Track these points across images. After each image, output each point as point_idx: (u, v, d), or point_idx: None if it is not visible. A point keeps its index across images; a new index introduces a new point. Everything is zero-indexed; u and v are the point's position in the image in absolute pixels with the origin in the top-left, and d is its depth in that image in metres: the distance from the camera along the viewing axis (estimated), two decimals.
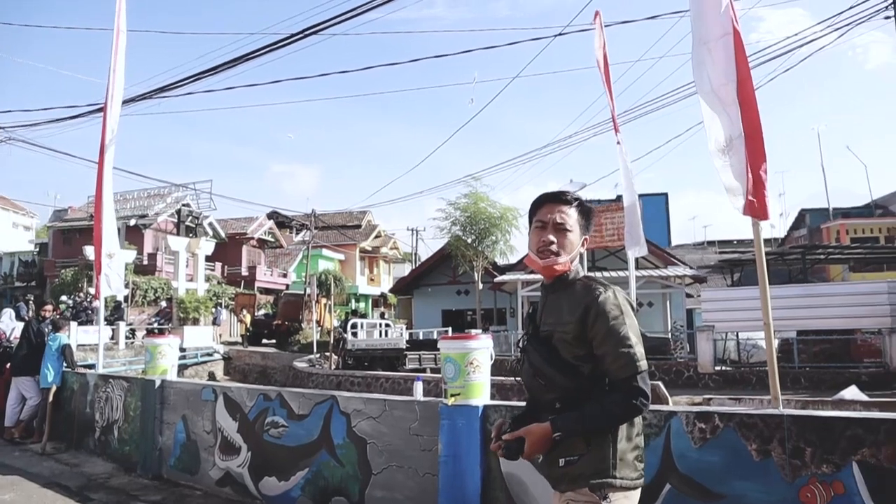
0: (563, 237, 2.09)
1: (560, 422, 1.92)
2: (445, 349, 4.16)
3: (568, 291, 2.07)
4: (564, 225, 2.10)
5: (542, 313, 2.15)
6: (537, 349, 2.05)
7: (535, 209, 2.18)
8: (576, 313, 1.98)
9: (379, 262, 53.75)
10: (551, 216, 2.11)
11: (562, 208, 2.12)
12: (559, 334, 2.01)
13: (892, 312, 13.90)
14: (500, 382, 13.04)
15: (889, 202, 33.30)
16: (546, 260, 2.07)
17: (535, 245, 2.12)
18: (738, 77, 3.85)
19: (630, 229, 9.22)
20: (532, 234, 2.15)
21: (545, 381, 2.00)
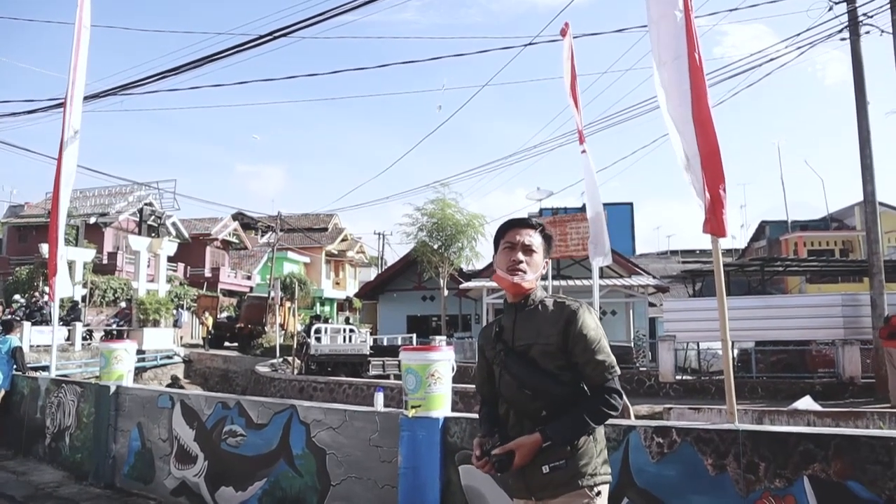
0: (530, 257, 2.27)
1: (549, 431, 2.07)
2: (407, 360, 4.14)
3: (540, 308, 2.24)
4: (531, 246, 2.29)
5: (513, 330, 2.27)
6: (519, 363, 2.19)
7: (502, 232, 2.36)
8: (557, 326, 2.15)
9: (345, 265, 53.43)
10: (519, 238, 2.29)
11: (528, 232, 2.32)
12: (541, 347, 2.16)
13: (846, 324, 14.29)
14: (463, 390, 13.07)
15: (844, 216, 34.23)
16: (515, 277, 2.23)
17: (504, 264, 2.28)
18: (692, 97, 3.90)
19: (595, 239, 9.31)
20: (500, 255, 2.32)
21: (532, 392, 2.13)
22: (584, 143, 8.71)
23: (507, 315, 2.34)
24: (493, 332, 2.37)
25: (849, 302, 14.53)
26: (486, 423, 2.37)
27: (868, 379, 13.56)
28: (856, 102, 13.56)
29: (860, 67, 13.49)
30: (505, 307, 2.40)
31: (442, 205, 23.45)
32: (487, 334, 2.42)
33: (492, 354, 2.33)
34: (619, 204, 36.15)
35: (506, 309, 2.38)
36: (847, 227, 33.56)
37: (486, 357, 2.39)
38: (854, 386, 13.67)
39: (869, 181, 13.56)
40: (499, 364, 2.26)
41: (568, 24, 10.09)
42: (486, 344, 2.39)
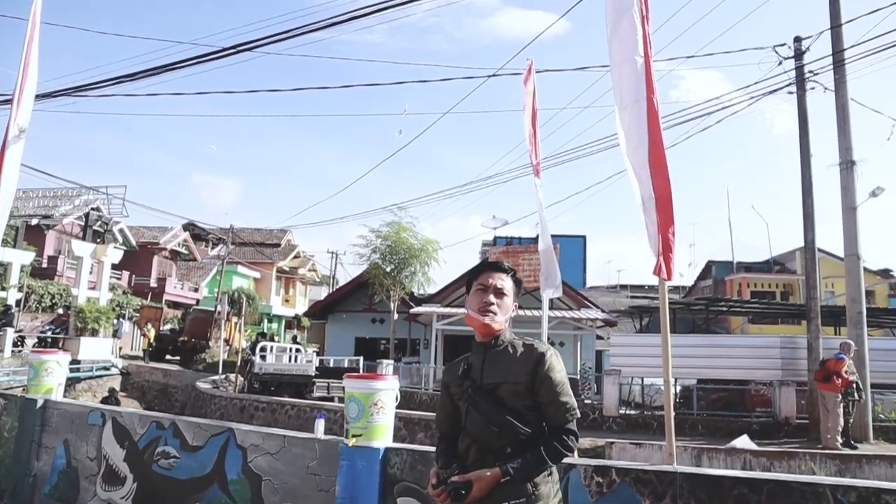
0: (501, 300, 2.39)
1: (509, 467, 2.15)
2: (350, 388, 4.07)
3: (510, 349, 2.35)
4: (503, 290, 2.41)
5: (482, 368, 2.35)
6: (488, 400, 2.27)
7: (475, 274, 2.48)
8: (527, 367, 2.26)
9: (296, 283, 52.74)
10: (492, 281, 2.41)
11: (500, 276, 2.44)
12: (510, 387, 2.26)
13: (783, 366, 14.71)
14: (408, 416, 12.96)
15: (786, 259, 35.44)
16: (486, 318, 2.34)
17: (476, 305, 2.39)
18: (649, 143, 4.01)
19: (546, 271, 9.40)
20: (473, 296, 2.43)
21: (499, 429, 2.21)
22: (539, 176, 8.82)
23: (476, 354, 2.42)
24: (460, 370, 2.44)
25: (787, 344, 14.98)
26: (444, 456, 2.41)
27: (802, 419, 13.94)
28: (800, 154, 14.12)
29: (805, 121, 14.07)
30: (473, 346, 2.47)
31: (397, 228, 23.42)
32: (454, 372, 2.48)
33: (458, 391, 2.39)
34: (572, 236, 36.68)
35: (474, 348, 2.46)
36: (788, 270, 34.74)
37: (451, 394, 2.45)
38: (789, 426, 14.03)
39: (810, 229, 14.08)
40: (466, 400, 2.33)
41: (531, 61, 10.29)
42: (452, 381, 2.45)
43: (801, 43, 14.10)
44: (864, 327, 13.35)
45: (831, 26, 13.27)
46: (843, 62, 12.98)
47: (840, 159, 13.33)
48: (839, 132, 13.37)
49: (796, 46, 14.10)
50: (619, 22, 4.30)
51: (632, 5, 4.26)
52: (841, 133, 13.36)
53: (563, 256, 26.12)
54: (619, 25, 4.30)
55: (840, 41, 13.19)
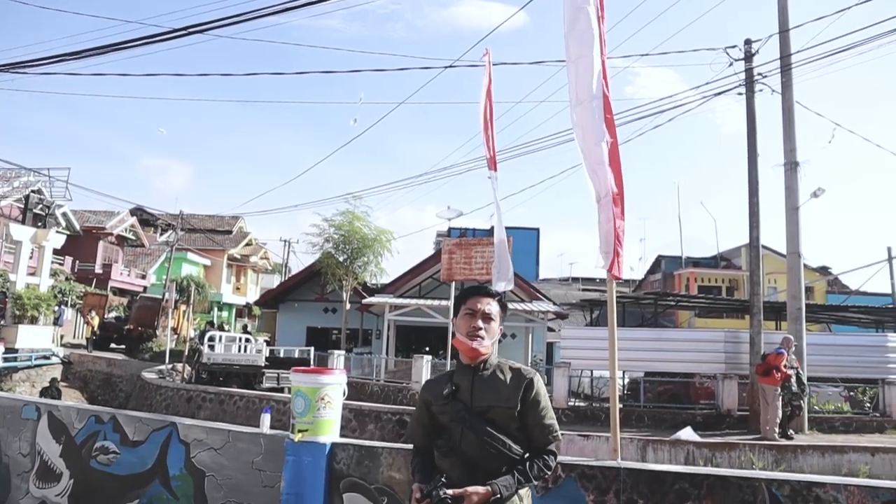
0: (489, 325, 2.51)
1: (499, 485, 2.29)
2: (297, 382, 4.00)
3: (498, 374, 2.47)
4: (490, 315, 2.52)
5: (471, 391, 2.45)
6: (483, 423, 2.38)
7: (464, 298, 2.58)
8: (517, 392, 2.41)
9: (247, 270, 51.85)
10: (480, 306, 2.52)
11: (489, 301, 2.55)
12: (502, 410, 2.39)
13: (727, 360, 15.13)
14: (358, 408, 12.89)
15: (732, 255, 36.45)
16: (475, 343, 2.44)
17: (465, 329, 2.49)
18: (607, 139, 4.04)
19: (499, 264, 9.43)
20: (462, 320, 2.53)
21: (496, 450, 2.35)
22: (494, 169, 8.82)
23: (463, 376, 2.51)
24: (445, 390, 2.51)
25: (730, 339, 15.42)
26: (422, 471, 2.51)
27: (743, 411, 14.38)
28: (748, 153, 14.50)
29: (753, 122, 14.45)
30: (459, 367, 2.57)
31: (351, 217, 23.25)
32: (436, 391, 2.54)
33: (442, 409, 2.48)
34: (526, 229, 37.02)
35: (460, 369, 2.55)
36: (734, 266, 35.74)
37: (432, 412, 2.54)
38: (731, 417, 14.45)
39: (755, 227, 14.49)
40: (460, 422, 2.41)
41: (488, 51, 10.26)
42: (435, 400, 2.53)
43: (752, 46, 14.46)
44: (804, 323, 13.85)
45: (780, 31, 13.63)
46: (790, 66, 13.36)
47: (785, 160, 13.74)
48: (784, 134, 13.77)
49: (746, 49, 14.45)
50: (577, 18, 4.31)
51: (588, 3, 4.27)
52: (786, 135, 13.76)
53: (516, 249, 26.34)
54: (576, 22, 4.31)
55: (788, 46, 13.56)
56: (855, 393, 16.03)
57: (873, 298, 30.72)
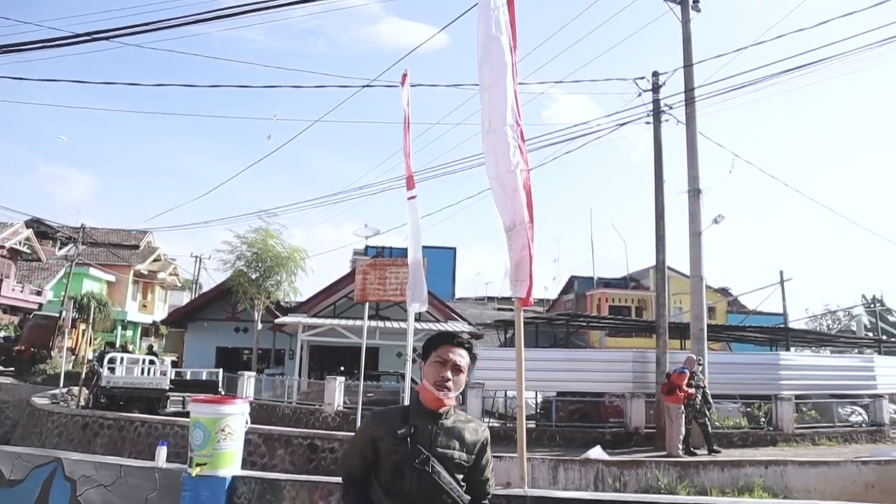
0: (458, 377, 2.49)
1: None
2: (195, 413, 3.80)
3: (459, 422, 2.51)
4: (460, 367, 2.50)
5: (432, 438, 2.43)
6: (442, 470, 2.39)
7: (436, 344, 2.55)
8: (475, 445, 2.48)
9: (155, 287, 49.62)
10: (452, 357, 2.49)
11: (460, 352, 2.52)
12: (459, 460, 2.43)
13: (634, 379, 15.64)
14: (268, 432, 12.47)
15: (641, 276, 37.87)
16: (441, 393, 2.43)
17: (433, 378, 2.46)
18: (521, 167, 4.09)
19: (413, 285, 9.41)
20: (430, 367, 2.50)
21: (451, 499, 2.38)
22: (412, 189, 8.82)
23: (423, 419, 2.47)
24: (398, 429, 2.45)
25: (638, 358, 15.94)
26: None
27: (650, 429, 14.85)
28: (655, 180, 15.13)
29: (660, 150, 15.12)
30: (418, 409, 2.52)
31: (265, 235, 22.76)
32: (389, 428, 2.46)
33: (397, 450, 2.41)
34: (442, 248, 37.24)
35: (420, 412, 2.51)
36: (643, 286, 37.13)
37: (379, 447, 2.46)
38: (638, 435, 14.89)
39: (661, 251, 15.11)
40: (418, 465, 2.37)
41: (407, 73, 10.29)
42: (387, 437, 2.45)
43: (659, 78, 15.16)
44: (705, 342, 14.52)
45: (684, 65, 14.37)
46: (693, 99, 14.08)
47: (689, 187, 14.43)
48: (688, 162, 14.48)
49: (654, 80, 15.14)
50: (489, 47, 4.36)
51: (501, 33, 4.34)
52: (690, 163, 14.47)
53: (432, 268, 26.38)
54: (489, 50, 4.36)
55: (691, 80, 14.31)
56: (751, 408, 16.90)
57: (768, 318, 32.67)
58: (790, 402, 15.69)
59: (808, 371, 17.30)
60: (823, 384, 17.33)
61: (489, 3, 4.26)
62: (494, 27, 4.26)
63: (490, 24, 4.30)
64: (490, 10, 4.31)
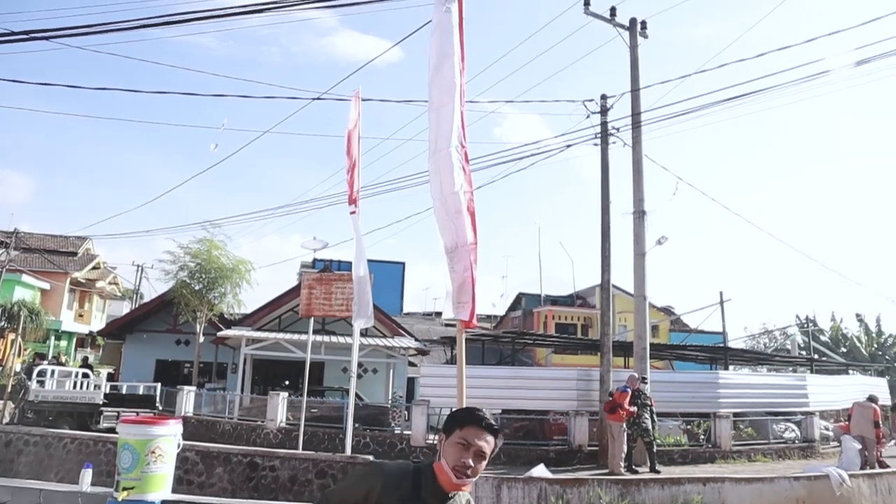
0: (479, 463, 2.30)
1: None
2: (124, 434, 3.65)
3: None
4: (484, 454, 2.31)
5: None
6: None
7: (461, 423, 2.34)
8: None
9: (93, 296, 47.88)
10: (478, 442, 2.29)
11: (487, 437, 2.32)
12: None
13: (578, 397, 15.81)
14: (206, 449, 12.09)
15: (588, 294, 38.45)
16: (460, 480, 2.27)
17: (453, 460, 2.28)
18: (465, 189, 4.08)
19: (359, 301, 9.33)
20: (452, 447, 2.30)
21: None
22: (356, 204, 8.77)
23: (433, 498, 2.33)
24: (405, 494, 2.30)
25: (582, 377, 16.14)
26: None
27: (593, 447, 15.02)
28: (601, 201, 15.42)
29: (607, 172, 15.42)
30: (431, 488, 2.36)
31: (209, 245, 22.30)
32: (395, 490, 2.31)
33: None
34: (391, 262, 37.11)
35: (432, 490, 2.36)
36: (589, 304, 37.70)
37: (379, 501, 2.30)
38: (582, 453, 15.04)
39: (606, 270, 15.37)
40: None
41: (358, 91, 10.27)
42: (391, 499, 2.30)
43: (607, 100, 15.50)
44: (648, 361, 14.79)
45: (631, 90, 14.73)
46: (639, 123, 14.43)
47: (634, 209, 14.74)
48: (634, 184, 14.80)
49: (602, 103, 15.47)
50: (441, 66, 4.35)
51: (454, 51, 4.34)
52: (635, 185, 14.80)
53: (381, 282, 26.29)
54: (440, 69, 4.36)
55: (638, 103, 14.68)
56: (692, 426, 17.28)
57: (709, 336, 33.62)
58: (728, 419, 16.11)
59: (746, 389, 17.84)
60: (759, 402, 17.89)
61: (444, 21, 4.26)
62: (448, 47, 4.26)
63: (444, 42, 4.30)
64: (445, 29, 4.32)
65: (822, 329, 45.85)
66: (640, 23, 15.50)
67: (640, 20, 15.53)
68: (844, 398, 19.49)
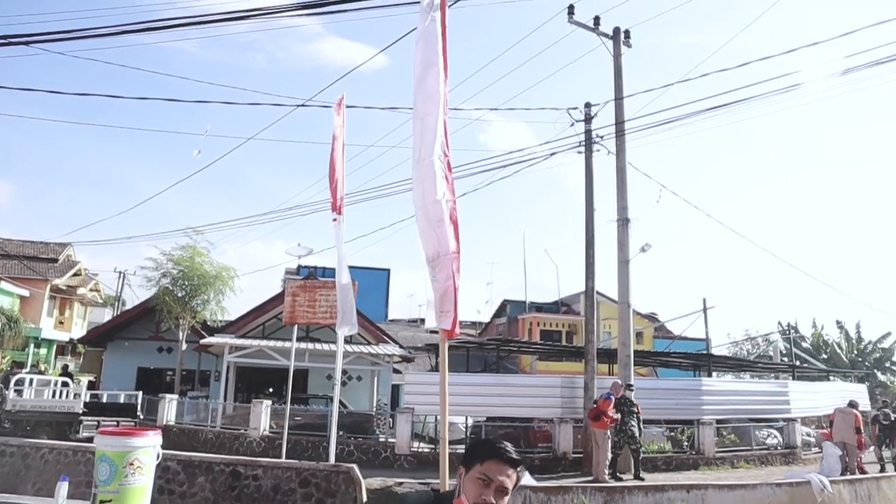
0: (501, 500, 2.17)
1: None
2: (102, 445, 3.59)
3: None
4: (506, 490, 2.19)
5: None
6: None
7: (482, 456, 2.22)
8: None
9: (74, 303, 47.29)
10: (500, 478, 2.17)
11: (510, 473, 2.20)
12: None
13: (563, 404, 15.84)
14: (188, 459, 11.93)
15: (572, 301, 38.55)
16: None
17: (473, 497, 2.17)
18: (448, 198, 4.08)
19: (342, 309, 9.29)
20: (472, 483, 2.19)
21: None
22: (339, 212, 8.73)
23: None
24: None
25: (567, 384, 16.17)
26: None
27: (578, 454, 15.04)
28: (585, 208, 15.48)
29: (591, 179, 15.49)
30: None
31: (192, 252, 22.14)
32: None
33: None
34: (376, 269, 37.03)
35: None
36: (574, 311, 37.80)
37: None
38: (566, 460, 15.05)
39: (591, 277, 15.42)
40: None
41: (343, 96, 10.25)
42: None
43: (591, 109, 15.58)
44: (632, 368, 14.84)
45: (615, 98, 14.83)
46: (623, 131, 14.53)
47: (618, 216, 14.82)
48: (618, 192, 14.89)
49: (586, 111, 15.55)
50: (426, 75, 4.35)
51: (438, 60, 4.34)
52: (619, 193, 14.89)
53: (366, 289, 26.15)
54: (425, 78, 4.36)
55: (622, 112, 14.78)
56: (675, 433, 17.36)
57: (693, 343, 33.83)
58: (711, 426, 16.20)
59: (729, 396, 17.95)
60: (742, 409, 18.01)
61: (428, 31, 4.27)
62: (432, 56, 4.27)
63: (428, 52, 4.31)
64: (429, 38, 4.32)
65: (803, 336, 46.31)
66: (624, 32, 15.63)
67: (624, 29, 15.66)
68: (826, 404, 19.68)
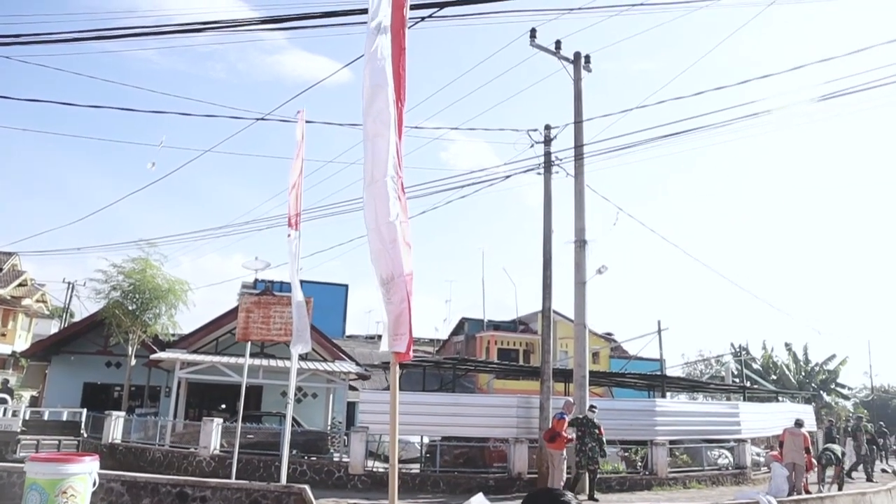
0: None
1: None
2: (32, 473, 3.43)
3: None
4: None
5: None
6: None
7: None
8: None
9: (18, 315, 45.68)
10: None
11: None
12: None
13: (518, 424, 15.82)
14: (133, 479, 11.53)
15: (530, 320, 38.72)
16: None
17: None
18: (401, 219, 4.06)
19: (297, 326, 9.15)
20: None
21: None
22: (296, 227, 8.63)
23: None
24: None
25: (522, 404, 16.17)
26: None
27: (533, 474, 15.02)
28: (544, 229, 15.61)
29: (549, 201, 15.64)
30: None
31: (144, 265, 21.59)
32: None
33: None
34: (334, 285, 36.72)
35: None
36: (532, 330, 37.95)
37: None
38: (521, 481, 15.01)
39: (548, 298, 15.51)
40: None
41: (303, 112, 10.17)
42: None
43: (551, 131, 15.77)
44: (587, 388, 14.94)
45: (574, 121, 15.06)
46: (582, 155, 14.74)
47: (575, 238, 14.99)
48: (576, 214, 15.06)
49: (546, 133, 15.72)
50: (375, 97, 4.34)
51: (387, 84, 4.32)
52: (577, 215, 15.06)
53: (324, 305, 25.82)
54: (374, 100, 4.34)
55: (581, 135, 15.00)
56: (629, 453, 17.49)
57: (648, 363, 34.32)
58: (664, 447, 16.37)
59: (682, 417, 18.19)
60: (695, 429, 18.27)
61: (375, 53, 4.26)
62: (380, 78, 4.25)
63: (376, 74, 4.30)
64: (377, 61, 4.31)
65: (754, 357, 47.42)
66: (584, 57, 15.91)
67: (585, 54, 15.95)
68: (774, 425, 20.10)
